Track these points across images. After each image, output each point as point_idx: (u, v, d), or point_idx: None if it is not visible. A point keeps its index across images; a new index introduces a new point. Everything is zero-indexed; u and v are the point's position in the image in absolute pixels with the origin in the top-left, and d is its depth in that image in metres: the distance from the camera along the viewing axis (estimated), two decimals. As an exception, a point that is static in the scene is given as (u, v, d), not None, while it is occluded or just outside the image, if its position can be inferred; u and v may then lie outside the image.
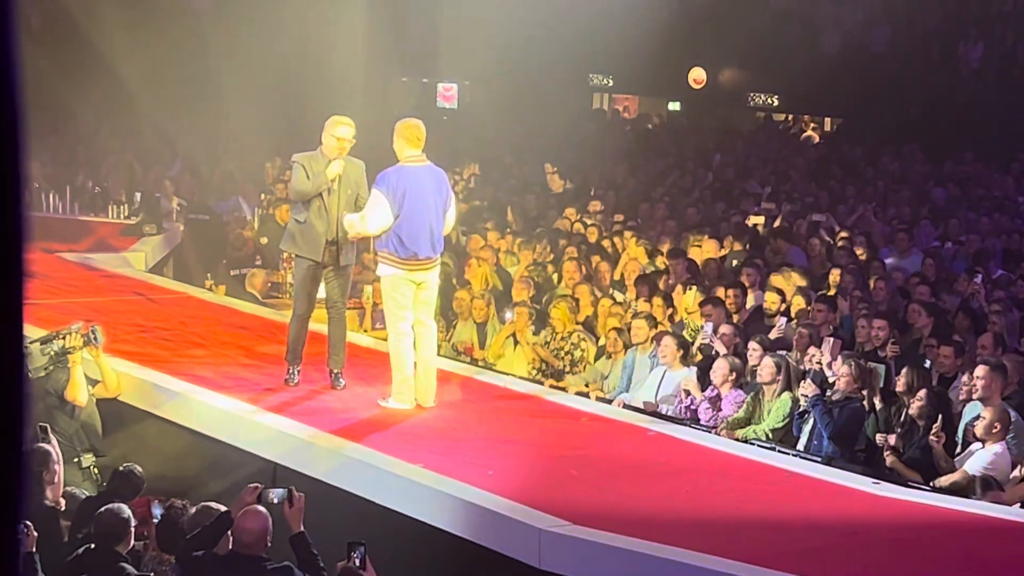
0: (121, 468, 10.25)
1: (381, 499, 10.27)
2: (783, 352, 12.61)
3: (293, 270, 13.25)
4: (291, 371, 12.62)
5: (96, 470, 11.70)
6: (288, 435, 11.25)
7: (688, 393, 12.54)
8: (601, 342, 14.11)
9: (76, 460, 11.43)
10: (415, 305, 11.73)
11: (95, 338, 11.99)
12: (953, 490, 10.32)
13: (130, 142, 26.22)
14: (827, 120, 32.31)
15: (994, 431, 10.48)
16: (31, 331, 12.94)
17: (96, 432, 11.97)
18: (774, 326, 13.78)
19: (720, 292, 14.77)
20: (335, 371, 12.62)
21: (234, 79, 25.88)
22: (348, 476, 10.62)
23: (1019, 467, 10.43)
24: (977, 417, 10.69)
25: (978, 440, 10.56)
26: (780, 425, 11.83)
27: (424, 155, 11.63)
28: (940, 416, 10.90)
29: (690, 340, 13.53)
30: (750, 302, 14.84)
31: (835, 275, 15.80)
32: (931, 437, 10.66)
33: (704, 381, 12.65)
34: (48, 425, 10.84)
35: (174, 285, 17.65)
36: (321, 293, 12.65)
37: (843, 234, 18.40)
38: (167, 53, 27.47)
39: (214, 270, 18.59)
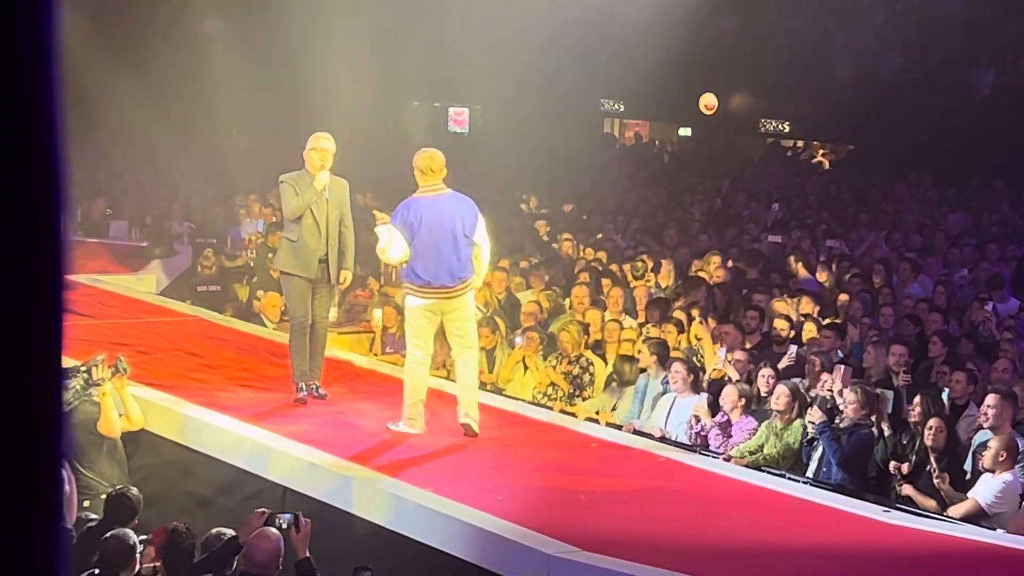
0: (113, 492, 10.11)
1: (390, 523, 10.26)
2: (796, 379, 12.61)
3: (284, 287, 13.35)
4: (301, 387, 12.80)
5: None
6: (297, 459, 11.24)
7: (698, 419, 12.51)
8: (611, 367, 14.09)
9: (103, 496, 11.29)
10: (449, 336, 11.82)
11: (123, 369, 11.90)
12: (966, 519, 10.28)
13: (141, 165, 26.27)
14: (836, 146, 32.28)
15: (1001, 459, 10.45)
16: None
17: (123, 465, 11.87)
18: (784, 353, 13.75)
19: (736, 315, 14.78)
20: (314, 383, 12.92)
21: (245, 103, 25.96)
22: (356, 500, 10.60)
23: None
24: (985, 446, 10.66)
25: (987, 470, 10.53)
26: (791, 453, 11.79)
27: (442, 183, 11.61)
28: (945, 459, 10.89)
29: (699, 365, 13.51)
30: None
31: (844, 301, 15.83)
32: (935, 479, 10.62)
33: (716, 407, 12.63)
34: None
35: (184, 308, 17.64)
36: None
37: (853, 261, 18.41)
38: (179, 76, 27.55)
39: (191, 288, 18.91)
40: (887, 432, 11.53)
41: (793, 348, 13.55)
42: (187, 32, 31.08)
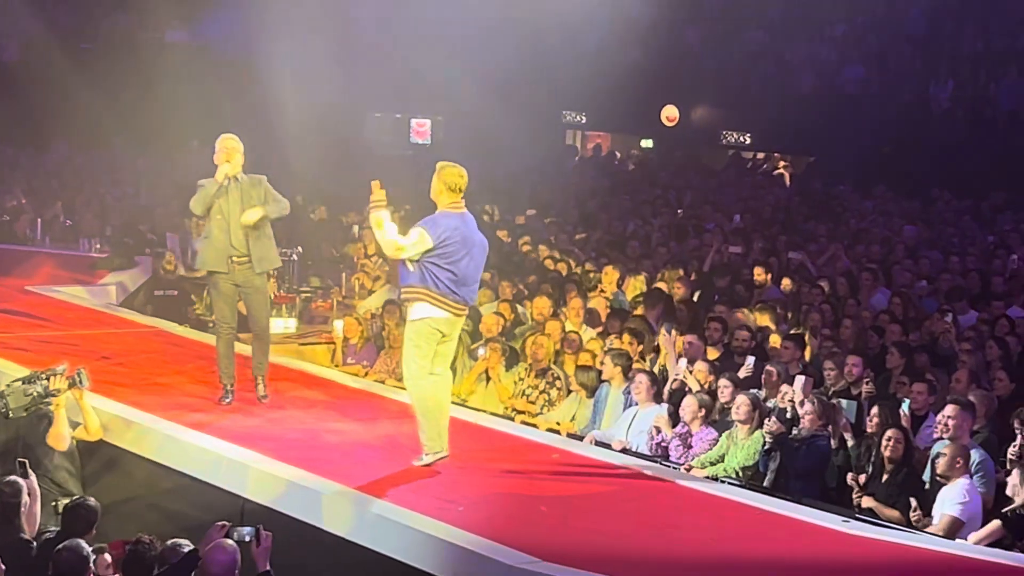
0: (69, 503, 10.07)
1: (351, 535, 10.24)
2: (755, 390, 12.65)
3: (209, 289, 13.45)
4: (227, 389, 13.01)
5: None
6: (258, 470, 11.20)
7: (659, 430, 12.53)
8: (571, 378, 14.09)
9: (53, 504, 11.24)
10: (441, 355, 11.30)
11: (80, 381, 11.86)
12: (950, 535, 10.30)
13: (103, 176, 26.18)
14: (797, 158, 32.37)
15: (956, 467, 10.51)
16: (12, 369, 12.92)
17: (75, 475, 11.83)
18: (743, 364, 13.80)
19: (698, 326, 14.82)
20: (258, 376, 13.11)
21: (206, 113, 25.88)
22: (317, 512, 10.57)
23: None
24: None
25: (940, 476, 10.59)
26: (751, 463, 11.83)
27: (463, 203, 11.24)
28: (903, 470, 10.96)
29: (660, 376, 13.54)
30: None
31: (804, 312, 15.92)
32: (911, 515, 10.67)
33: (676, 417, 12.65)
34: (27, 461, 10.66)
35: (143, 319, 17.57)
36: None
37: (814, 272, 18.49)
38: (140, 87, 27.49)
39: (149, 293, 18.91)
40: (850, 443, 11.58)
41: (751, 359, 13.57)
42: (148, 42, 31.05)
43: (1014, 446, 10.98)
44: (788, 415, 11.89)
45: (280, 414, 12.94)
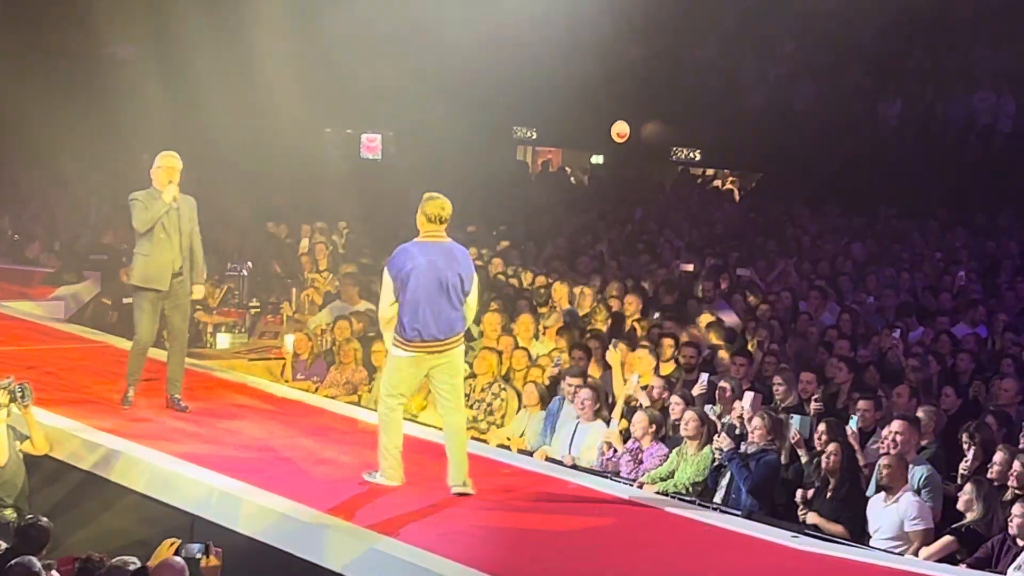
0: (22, 523, 10.01)
1: (301, 551, 10.21)
2: (710, 406, 12.71)
3: (134, 302, 13.53)
4: (127, 395, 13.26)
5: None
6: (207, 486, 11.15)
7: (610, 445, 12.56)
8: (522, 394, 14.10)
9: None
10: (435, 393, 11.24)
11: (22, 396, 11.80)
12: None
13: (51, 190, 26.05)
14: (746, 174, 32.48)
15: (897, 476, 10.58)
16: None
17: (19, 489, 11.77)
18: (696, 380, 13.84)
19: (651, 342, 14.86)
20: (175, 395, 13.26)
21: (156, 128, 25.79)
22: (268, 530, 10.54)
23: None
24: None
25: (882, 487, 10.64)
26: (700, 479, 11.86)
27: (444, 232, 11.10)
28: (846, 484, 11.02)
29: (606, 392, 13.56)
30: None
31: (753, 328, 16.00)
32: (799, 512, 10.74)
33: (626, 434, 12.68)
34: None
35: (92, 334, 17.49)
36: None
37: (763, 288, 18.56)
38: (89, 101, 27.35)
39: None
40: (804, 458, 11.62)
41: (704, 376, 13.61)
42: (98, 57, 30.89)
43: (966, 461, 11.06)
44: (737, 431, 11.93)
45: (229, 429, 12.92)
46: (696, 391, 13.30)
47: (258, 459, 11.98)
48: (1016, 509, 9.87)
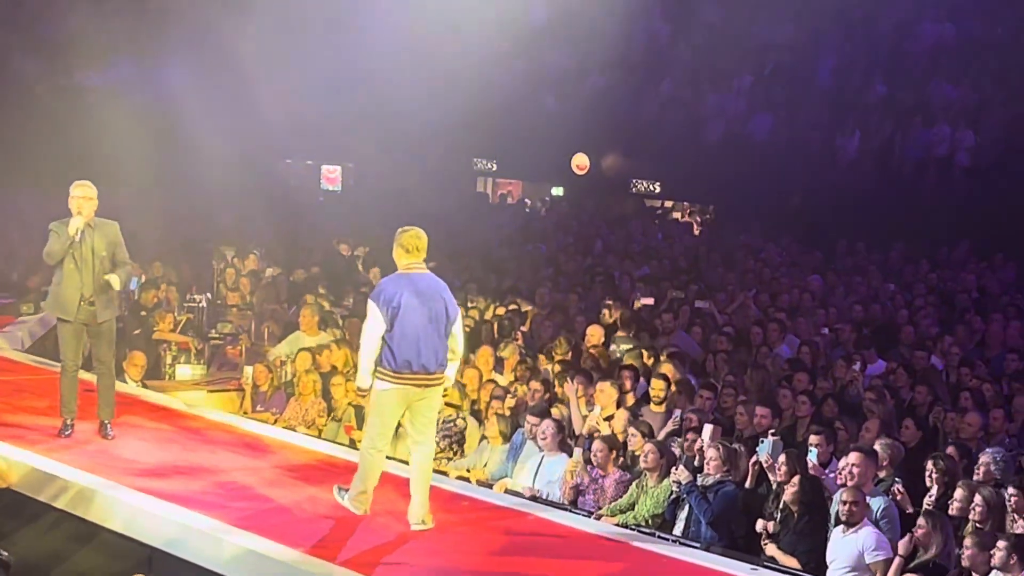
0: None
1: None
2: (675, 439, 12.76)
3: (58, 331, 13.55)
4: (66, 423, 13.27)
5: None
6: (166, 519, 11.10)
7: (573, 475, 12.57)
8: (482, 426, 14.11)
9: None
10: (411, 423, 11.08)
11: None
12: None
13: (10, 221, 25.91)
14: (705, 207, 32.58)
15: (855, 510, 10.61)
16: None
17: None
18: (659, 412, 13.88)
19: (610, 376, 14.88)
20: (105, 422, 13.28)
21: (120, 157, 25.72)
22: (225, 562, 10.50)
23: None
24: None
25: (843, 523, 10.67)
26: (660, 511, 11.87)
27: (424, 264, 11.10)
28: (805, 517, 11.04)
29: (567, 424, 13.57)
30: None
31: (712, 360, 16.07)
32: (762, 543, 10.77)
33: (589, 464, 12.70)
34: None
35: (49, 366, 17.38)
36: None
37: (722, 320, 18.61)
38: (51, 129, 27.23)
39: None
40: (775, 483, 11.63)
41: (678, 412, 13.66)
42: (58, 86, 30.81)
43: (930, 496, 11.10)
44: (696, 463, 11.96)
45: (186, 461, 12.86)
46: (669, 427, 13.36)
47: (215, 491, 11.93)
48: (968, 541, 9.94)
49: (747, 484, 11.85)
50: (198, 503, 11.43)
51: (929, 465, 11.41)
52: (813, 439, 12.12)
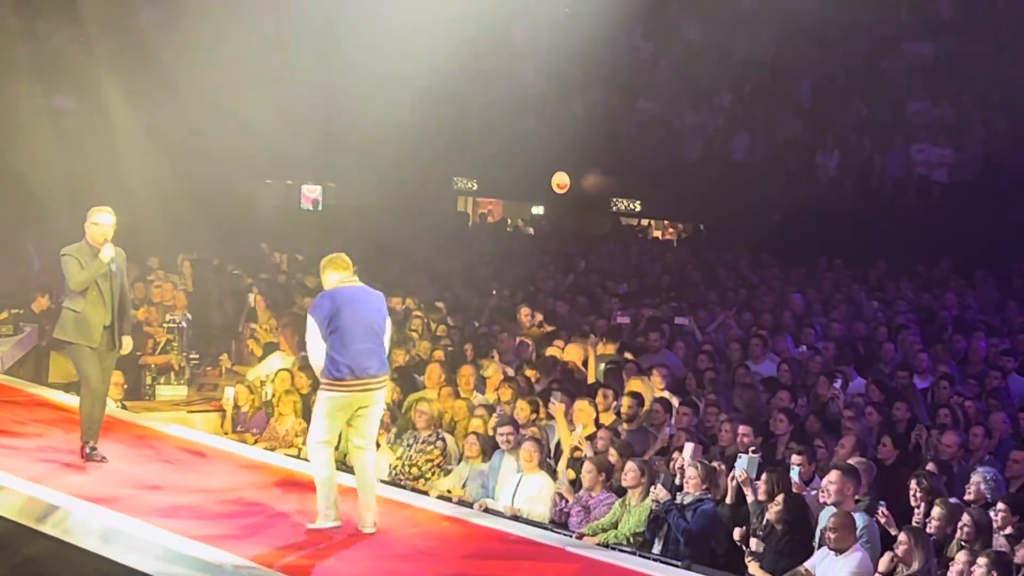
0: None
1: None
2: (659, 458, 12.75)
3: (69, 355, 13.56)
4: (91, 446, 13.16)
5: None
6: (149, 542, 11.06)
7: (561, 497, 12.56)
8: (463, 445, 14.09)
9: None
10: (354, 428, 11.43)
11: None
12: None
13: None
14: (685, 225, 32.61)
15: (847, 536, 10.59)
16: None
17: None
18: (638, 430, 13.89)
19: (590, 393, 14.88)
20: (91, 443, 13.17)
21: (97, 179, 25.67)
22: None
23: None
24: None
25: (833, 549, 10.64)
26: (641, 529, 11.86)
27: (355, 277, 11.48)
28: (787, 536, 11.03)
29: (547, 444, 13.55)
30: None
31: (692, 378, 16.07)
32: (746, 560, 10.78)
33: (577, 484, 12.69)
34: None
35: (30, 387, 17.35)
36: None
37: (703, 339, 18.62)
38: (28, 151, 27.18)
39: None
40: (750, 498, 11.63)
41: (667, 431, 13.68)
42: (34, 108, 30.76)
43: (918, 513, 11.08)
44: (676, 481, 11.95)
45: (168, 482, 12.81)
46: (658, 445, 13.37)
47: (199, 512, 11.90)
48: (960, 556, 9.96)
49: (727, 501, 11.84)
50: (182, 525, 11.39)
51: (913, 484, 11.43)
52: (795, 458, 12.12)
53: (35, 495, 12.12)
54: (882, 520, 11.11)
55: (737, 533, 11.28)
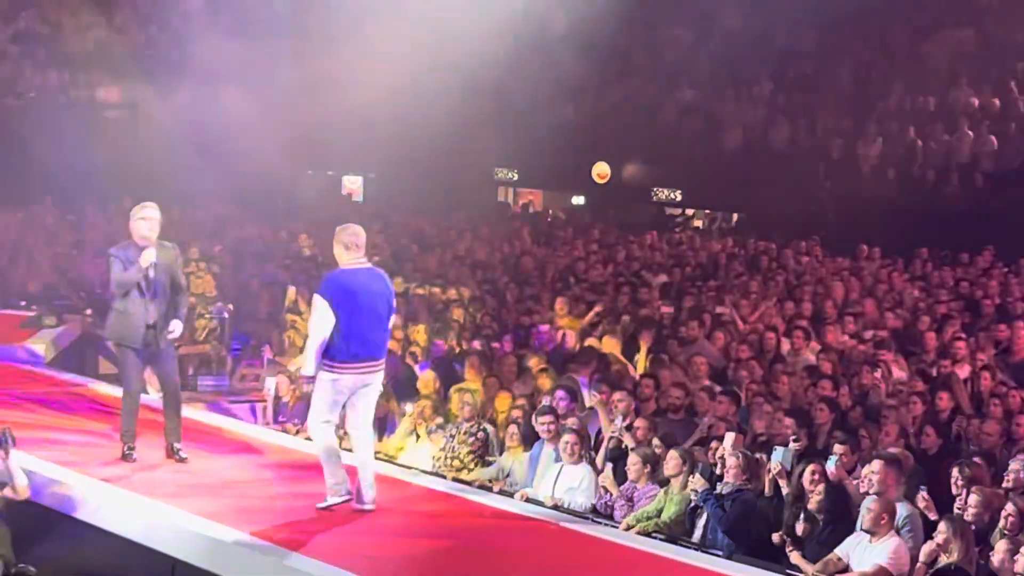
0: (12, 571, 9.96)
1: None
2: (698, 447, 12.71)
3: (117, 357, 13.52)
4: (129, 448, 13.07)
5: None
6: (188, 531, 11.11)
7: (606, 490, 12.52)
8: (503, 435, 14.08)
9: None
10: (352, 408, 11.64)
11: (10, 440, 11.77)
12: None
13: (32, 233, 25.99)
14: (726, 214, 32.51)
15: (882, 523, 10.54)
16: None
17: (5, 537, 11.72)
18: (679, 419, 13.86)
19: (629, 383, 14.86)
20: (175, 445, 13.13)
21: (138, 172, 25.82)
22: (249, 572, 10.50)
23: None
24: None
25: (866, 531, 10.60)
26: (681, 518, 11.83)
27: (365, 259, 11.62)
28: (830, 526, 11.00)
29: (587, 434, 13.53)
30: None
31: (734, 368, 16.02)
32: (787, 551, 10.75)
33: (617, 475, 12.65)
34: None
35: (73, 378, 17.45)
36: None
37: (745, 328, 18.57)
38: (73, 143, 27.32)
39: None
40: (784, 490, 11.60)
41: (705, 421, 13.64)
42: (80, 100, 30.97)
43: (960, 500, 11.03)
44: (718, 471, 11.92)
45: (210, 472, 12.87)
46: (696, 435, 13.35)
47: (237, 502, 11.95)
48: (1001, 546, 9.92)
49: (766, 492, 11.81)
50: (219, 514, 11.43)
51: (955, 472, 11.37)
52: (838, 448, 12.09)
53: (71, 483, 12.21)
54: (921, 505, 11.07)
55: (776, 537, 11.23)
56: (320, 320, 11.31)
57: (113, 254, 12.96)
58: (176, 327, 13.10)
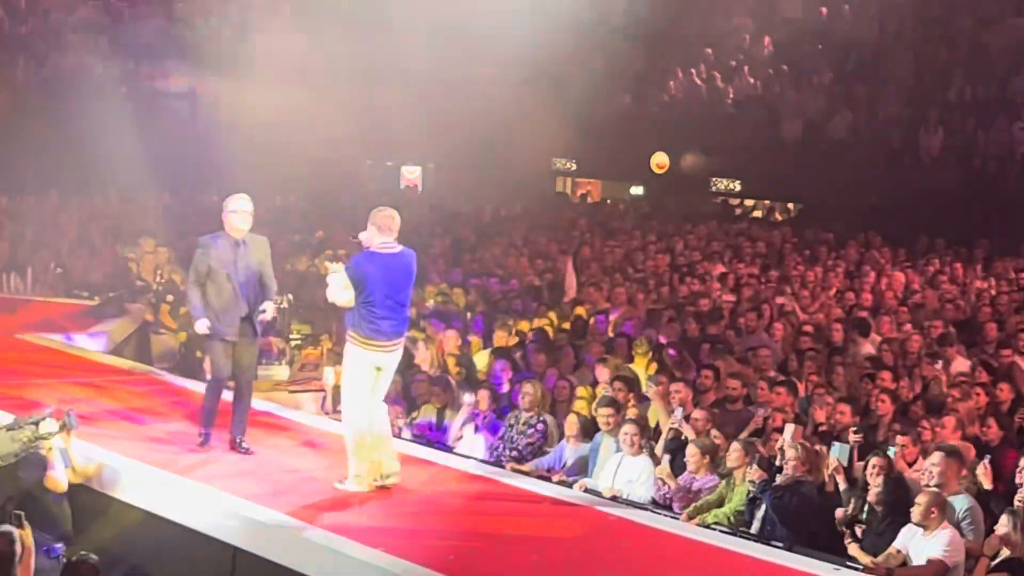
0: (73, 559, 10.02)
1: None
2: (755, 439, 12.66)
3: (206, 345, 13.61)
4: (206, 434, 13.22)
5: (65, 559, 11.52)
6: (247, 518, 11.17)
7: (664, 482, 12.50)
8: (563, 426, 14.07)
9: (46, 550, 11.20)
10: (375, 387, 11.94)
11: (70, 423, 11.86)
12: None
13: (93, 223, 26.15)
14: (790, 205, 32.35)
15: (932, 516, 10.48)
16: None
17: (67, 519, 11.81)
18: (738, 410, 13.82)
19: (686, 373, 14.82)
20: (239, 438, 13.16)
21: (197, 162, 25.95)
22: (308, 560, 10.54)
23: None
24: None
25: (918, 525, 10.54)
26: (742, 509, 11.80)
27: (396, 242, 11.83)
28: (888, 517, 10.94)
29: (648, 425, 13.50)
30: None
31: (794, 359, 15.97)
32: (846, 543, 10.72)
33: (675, 466, 12.63)
34: (22, 513, 10.56)
35: (133, 366, 17.57)
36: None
37: (805, 319, 18.51)
38: (134, 137, 27.49)
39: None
40: (842, 486, 11.56)
41: (760, 411, 13.59)
42: (141, 89, 31.12)
43: (1021, 491, 10.95)
44: (777, 463, 11.87)
45: (270, 462, 12.92)
46: (752, 427, 13.30)
47: (297, 490, 12.00)
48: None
49: (826, 484, 11.76)
50: (280, 504, 11.49)
51: (1022, 463, 11.29)
52: (899, 439, 12.04)
53: (131, 469, 12.33)
54: (980, 473, 11.02)
55: (839, 513, 11.20)
56: (338, 287, 11.74)
57: (201, 244, 13.02)
58: (268, 307, 13.13)
